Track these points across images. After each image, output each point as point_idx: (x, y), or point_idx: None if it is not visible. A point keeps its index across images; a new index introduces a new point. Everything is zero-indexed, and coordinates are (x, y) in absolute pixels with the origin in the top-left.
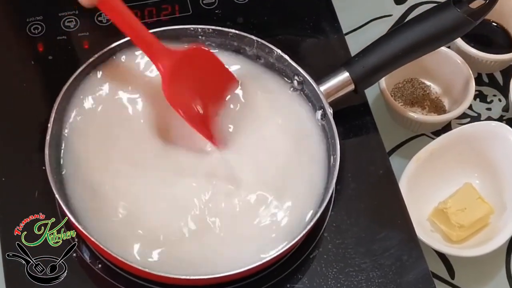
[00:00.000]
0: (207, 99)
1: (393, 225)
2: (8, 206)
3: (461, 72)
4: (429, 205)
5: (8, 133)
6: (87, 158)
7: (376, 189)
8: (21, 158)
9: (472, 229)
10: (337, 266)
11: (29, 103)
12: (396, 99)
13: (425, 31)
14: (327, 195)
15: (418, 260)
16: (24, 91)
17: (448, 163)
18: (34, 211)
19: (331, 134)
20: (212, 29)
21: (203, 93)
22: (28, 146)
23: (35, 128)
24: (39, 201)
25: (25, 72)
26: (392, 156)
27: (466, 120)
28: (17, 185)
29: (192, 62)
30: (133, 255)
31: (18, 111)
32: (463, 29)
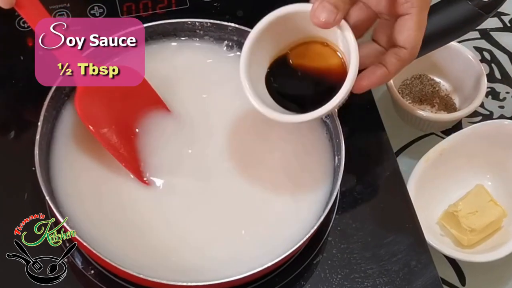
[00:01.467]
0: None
1: (401, 229)
2: (8, 206)
3: (473, 68)
4: (439, 208)
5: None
6: (78, 157)
7: (383, 191)
8: (17, 158)
9: (484, 233)
10: (342, 272)
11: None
12: (404, 96)
13: (434, 25)
14: (332, 197)
15: (427, 266)
16: (13, 88)
17: (458, 163)
18: (34, 211)
19: (336, 134)
20: (210, 23)
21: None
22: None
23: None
24: (39, 201)
25: (14, 68)
26: (400, 157)
27: (477, 118)
28: (17, 185)
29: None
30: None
31: (6, 109)
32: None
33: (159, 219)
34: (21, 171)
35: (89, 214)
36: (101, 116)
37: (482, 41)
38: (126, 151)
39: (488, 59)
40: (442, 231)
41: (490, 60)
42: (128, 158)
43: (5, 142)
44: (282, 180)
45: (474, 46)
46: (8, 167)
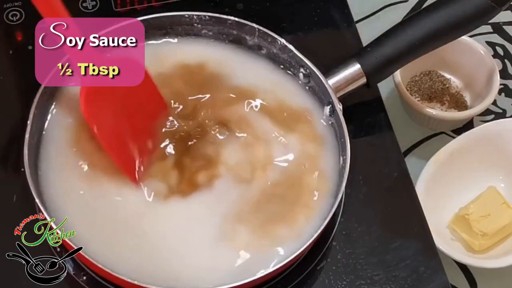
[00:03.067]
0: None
1: (409, 233)
2: (8, 206)
3: (484, 63)
4: (449, 211)
5: None
6: (70, 155)
7: (391, 194)
8: (13, 156)
9: (496, 238)
10: (347, 279)
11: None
12: (413, 93)
13: (444, 18)
14: (336, 200)
15: (437, 272)
16: (1, 84)
17: (470, 164)
18: (34, 211)
19: (341, 133)
20: (209, 16)
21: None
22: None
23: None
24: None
25: (2, 63)
26: (408, 157)
27: (490, 117)
28: (17, 185)
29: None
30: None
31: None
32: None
33: (153, 223)
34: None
35: (80, 218)
36: (105, 116)
37: (494, 35)
38: (124, 152)
39: (501, 54)
40: (453, 235)
41: (503, 55)
42: (125, 160)
43: None
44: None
45: (486, 40)
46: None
